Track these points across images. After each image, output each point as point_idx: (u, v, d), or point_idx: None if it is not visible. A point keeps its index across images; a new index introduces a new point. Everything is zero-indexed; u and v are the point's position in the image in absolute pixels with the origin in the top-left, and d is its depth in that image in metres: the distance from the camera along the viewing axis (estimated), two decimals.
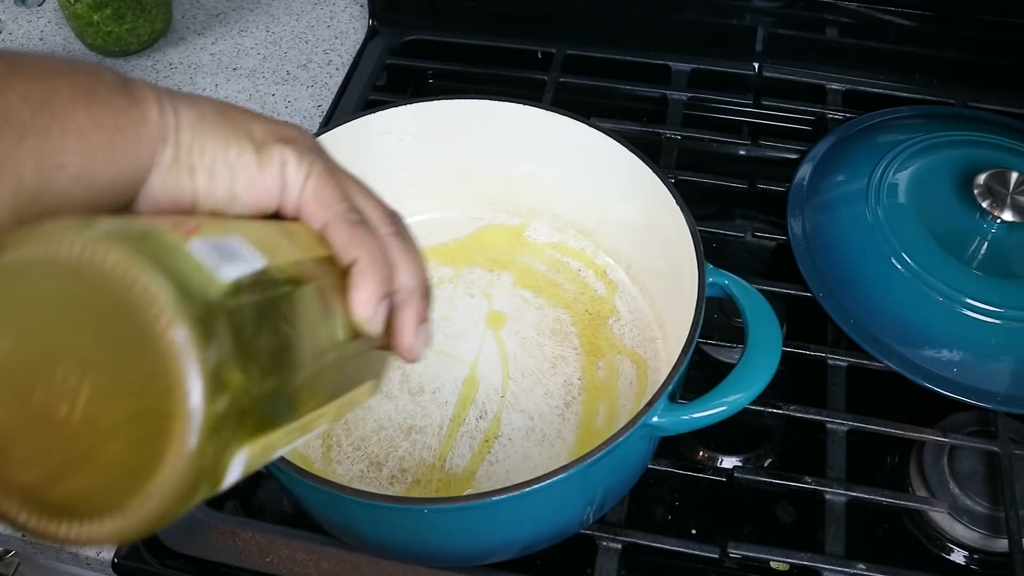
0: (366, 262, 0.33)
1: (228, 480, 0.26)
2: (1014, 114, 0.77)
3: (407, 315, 0.35)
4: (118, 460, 0.25)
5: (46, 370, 0.25)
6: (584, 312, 0.64)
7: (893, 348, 0.60)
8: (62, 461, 0.25)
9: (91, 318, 0.24)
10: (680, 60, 0.83)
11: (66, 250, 0.24)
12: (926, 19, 0.78)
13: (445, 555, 0.53)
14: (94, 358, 0.24)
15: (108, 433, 0.24)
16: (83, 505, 0.25)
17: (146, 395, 0.24)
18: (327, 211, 0.33)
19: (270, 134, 0.33)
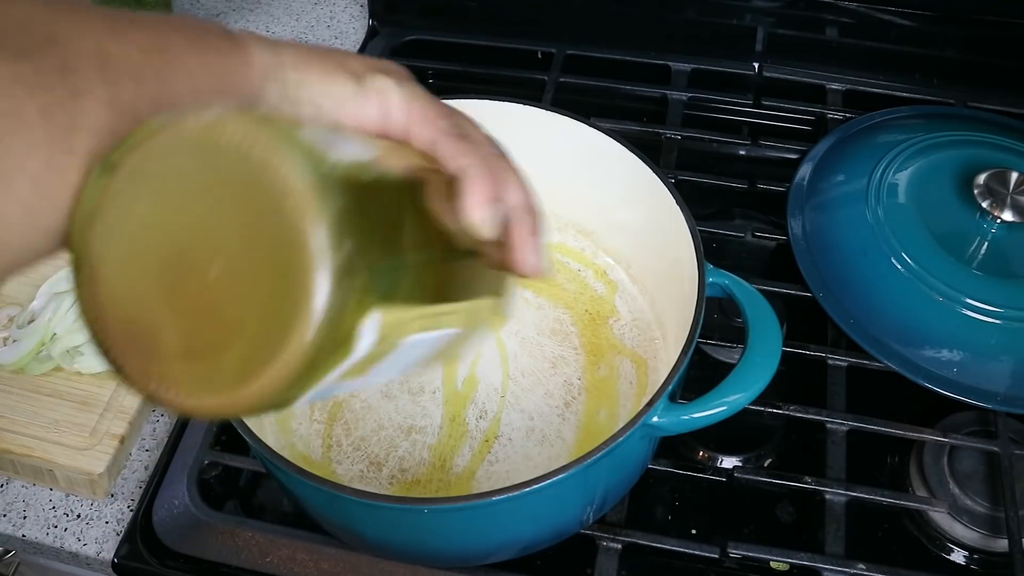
0: (475, 169, 0.34)
1: (360, 345, 0.27)
2: (1014, 114, 0.77)
3: (520, 228, 0.36)
4: (258, 320, 0.26)
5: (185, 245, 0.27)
6: (584, 312, 0.64)
7: (893, 348, 0.60)
8: (206, 331, 0.27)
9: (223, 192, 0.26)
10: (680, 60, 0.83)
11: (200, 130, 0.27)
12: (926, 19, 0.78)
13: (445, 555, 0.53)
14: (229, 228, 0.26)
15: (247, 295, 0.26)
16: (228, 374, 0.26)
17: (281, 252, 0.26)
18: (432, 129, 0.34)
19: (368, 67, 0.35)
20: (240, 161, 0.26)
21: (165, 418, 0.63)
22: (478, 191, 0.34)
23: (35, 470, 0.59)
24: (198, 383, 0.27)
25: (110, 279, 0.28)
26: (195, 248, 0.27)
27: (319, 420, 0.59)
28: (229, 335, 0.26)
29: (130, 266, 0.28)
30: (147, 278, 0.27)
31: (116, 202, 0.27)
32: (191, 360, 0.27)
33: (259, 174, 0.26)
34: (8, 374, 0.62)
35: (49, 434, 0.59)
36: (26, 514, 0.59)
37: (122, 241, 0.28)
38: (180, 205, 0.27)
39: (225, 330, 0.26)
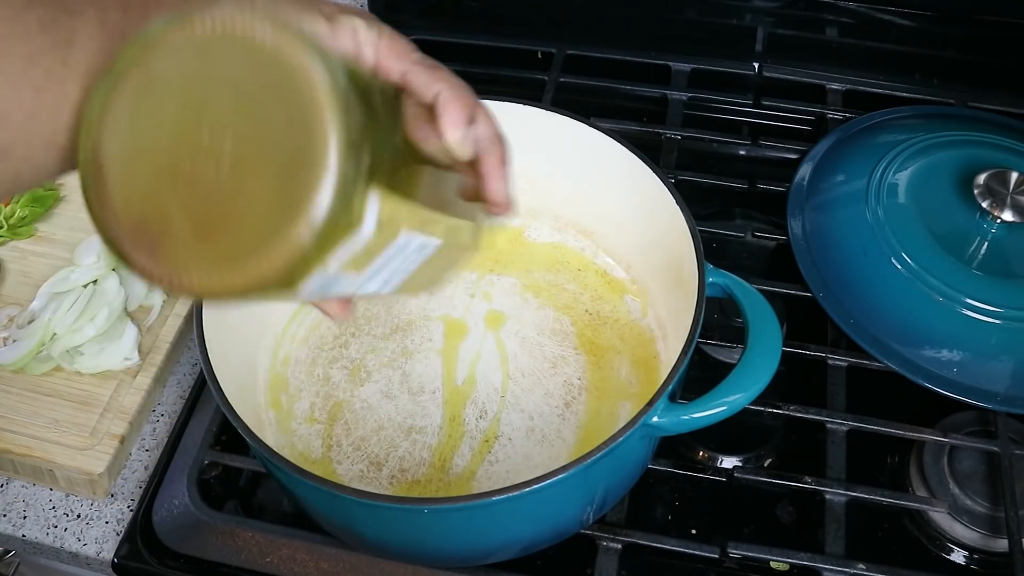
0: (448, 92, 0.36)
1: (367, 221, 0.29)
2: (1014, 114, 0.77)
3: (491, 158, 0.38)
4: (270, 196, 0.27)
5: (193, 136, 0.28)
6: (584, 312, 0.64)
7: (893, 348, 0.60)
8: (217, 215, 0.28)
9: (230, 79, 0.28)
10: (680, 60, 0.83)
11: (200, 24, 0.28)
12: (926, 19, 0.78)
13: (445, 555, 0.53)
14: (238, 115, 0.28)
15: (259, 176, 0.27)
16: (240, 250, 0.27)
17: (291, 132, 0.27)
18: (403, 61, 0.36)
19: (337, 9, 0.36)
20: (252, 50, 0.28)
21: (165, 418, 0.63)
22: (454, 112, 0.36)
23: (35, 470, 0.59)
24: (210, 263, 0.28)
25: (119, 177, 0.29)
26: (203, 140, 0.28)
27: (319, 420, 0.59)
28: (242, 215, 0.27)
29: (138, 163, 0.29)
30: (156, 173, 0.28)
31: (124, 101, 0.29)
32: (202, 243, 0.28)
33: (272, 60, 0.27)
34: (8, 374, 0.62)
35: (49, 434, 0.59)
36: (26, 514, 0.59)
37: (130, 139, 0.29)
38: (188, 100, 0.28)
39: (238, 212, 0.27)
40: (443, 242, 0.36)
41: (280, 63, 0.27)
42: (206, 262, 0.28)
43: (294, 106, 0.27)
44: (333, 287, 0.31)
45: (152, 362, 0.63)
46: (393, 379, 0.61)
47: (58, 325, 0.62)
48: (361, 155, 0.28)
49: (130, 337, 0.63)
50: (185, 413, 0.61)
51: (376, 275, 0.33)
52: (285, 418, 0.59)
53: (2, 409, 0.60)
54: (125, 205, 0.29)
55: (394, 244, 0.32)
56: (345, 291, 0.33)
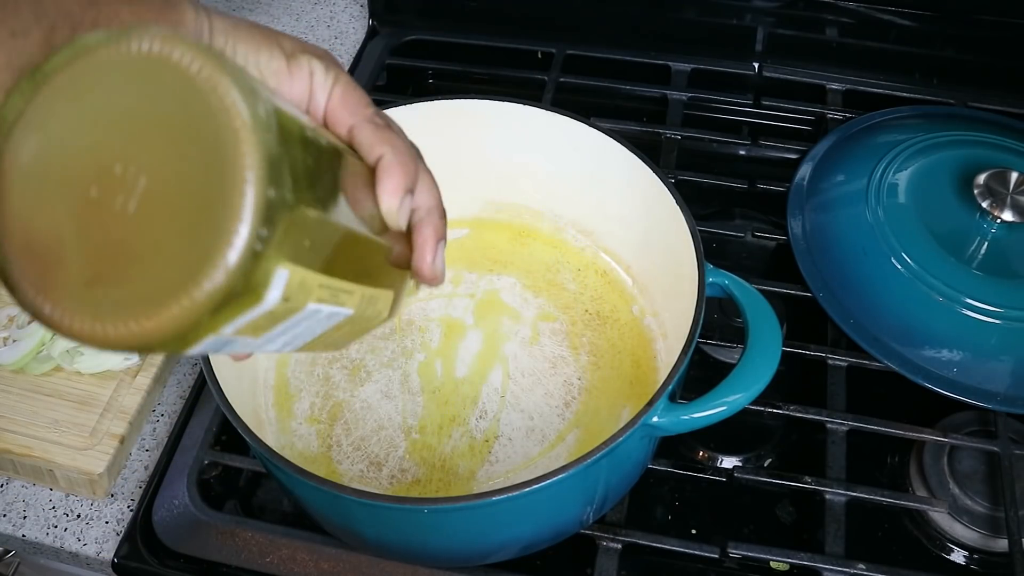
0: (391, 157, 0.35)
1: (270, 295, 0.27)
2: (1014, 114, 0.77)
3: (427, 230, 0.37)
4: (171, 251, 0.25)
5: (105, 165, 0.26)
6: (584, 312, 0.64)
7: (893, 348, 0.60)
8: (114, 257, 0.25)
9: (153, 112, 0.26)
10: (680, 60, 0.83)
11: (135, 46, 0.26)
12: (926, 19, 0.78)
13: (445, 555, 0.53)
14: (155, 152, 0.25)
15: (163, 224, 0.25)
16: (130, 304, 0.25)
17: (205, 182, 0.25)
18: (354, 114, 0.35)
19: (298, 47, 0.35)
20: (181, 83, 0.25)
21: (165, 418, 0.63)
22: (394, 180, 0.34)
23: (35, 470, 0.59)
24: (97, 310, 0.25)
25: (19, 193, 0.27)
26: (116, 170, 0.26)
27: (319, 420, 0.59)
28: (139, 264, 0.25)
29: (43, 182, 0.26)
30: (60, 197, 0.26)
31: (41, 112, 0.27)
32: (94, 286, 0.26)
33: (199, 98, 0.25)
34: (8, 374, 0.62)
35: (49, 434, 0.59)
36: (26, 514, 0.59)
37: (40, 154, 0.27)
38: (109, 123, 0.26)
39: (135, 259, 0.25)
40: (355, 312, 0.34)
41: (208, 103, 0.25)
42: (92, 310, 0.25)
43: (214, 154, 0.25)
44: (226, 348, 0.29)
45: (152, 362, 0.63)
46: (393, 379, 0.61)
47: None
48: (277, 222, 0.25)
49: None
50: (185, 413, 0.61)
51: (275, 339, 0.31)
52: (285, 418, 0.59)
53: (2, 409, 0.60)
54: (20, 226, 0.26)
55: (299, 314, 0.30)
56: (240, 351, 0.30)
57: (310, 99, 0.35)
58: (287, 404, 0.60)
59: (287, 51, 0.34)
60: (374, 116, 0.36)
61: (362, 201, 0.33)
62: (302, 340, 0.33)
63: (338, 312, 0.32)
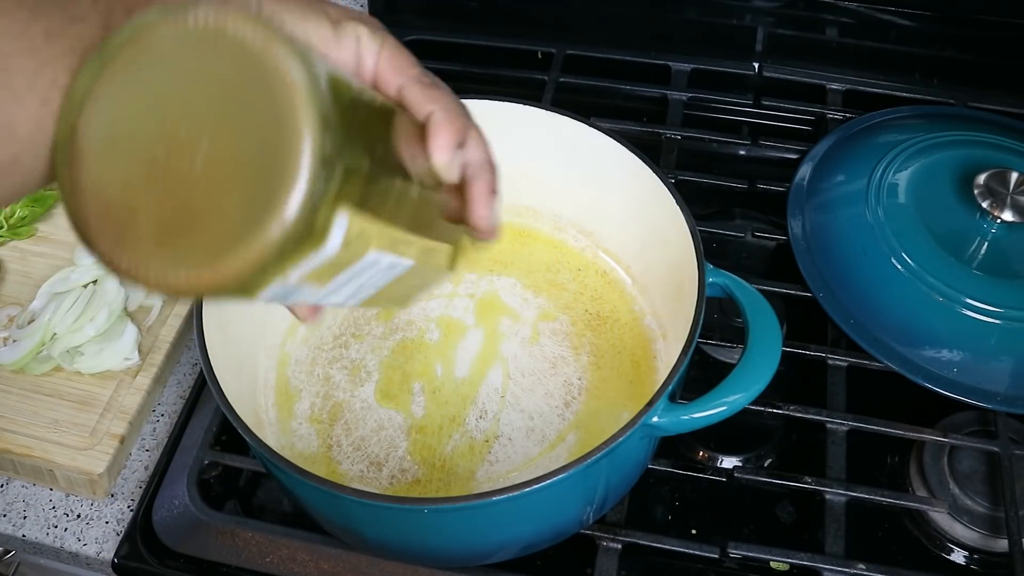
0: (441, 114, 0.35)
1: (331, 241, 0.28)
2: (1014, 114, 0.77)
3: (479, 184, 0.38)
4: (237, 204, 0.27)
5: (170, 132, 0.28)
6: (584, 312, 0.64)
7: (893, 348, 0.60)
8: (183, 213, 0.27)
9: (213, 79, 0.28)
10: (680, 60, 0.83)
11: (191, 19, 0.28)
12: (926, 19, 0.78)
13: (445, 555, 0.53)
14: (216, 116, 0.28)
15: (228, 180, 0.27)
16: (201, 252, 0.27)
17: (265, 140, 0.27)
18: (401, 75, 0.36)
19: (344, 15, 0.36)
20: (236, 51, 0.27)
21: (165, 418, 0.63)
22: (444, 135, 0.35)
23: (35, 470, 0.59)
24: (169, 261, 0.28)
25: (93, 161, 0.29)
26: (181, 134, 0.28)
27: (319, 420, 0.59)
28: (207, 218, 0.27)
29: (114, 150, 0.29)
30: (130, 162, 0.28)
31: (108, 87, 0.28)
32: (165, 238, 0.28)
33: (254, 63, 0.27)
34: (8, 374, 0.62)
35: (49, 434, 0.59)
36: (26, 514, 0.59)
37: (109, 125, 0.29)
38: (171, 93, 0.28)
39: (203, 213, 0.27)
40: (416, 263, 0.36)
41: (264, 68, 0.27)
42: (166, 259, 0.28)
43: (272, 114, 0.27)
44: (293, 296, 0.31)
45: (152, 362, 0.63)
46: (393, 379, 0.61)
47: (58, 325, 0.62)
48: (334, 172, 0.28)
49: (130, 337, 0.63)
50: (185, 413, 0.61)
51: (340, 288, 0.33)
52: (285, 418, 0.59)
53: (2, 409, 0.60)
54: (96, 190, 0.29)
55: (361, 262, 0.32)
56: (307, 300, 0.32)
57: (358, 63, 0.35)
58: (287, 404, 0.60)
59: (333, 18, 0.35)
60: (421, 76, 0.36)
61: (415, 157, 0.35)
62: (367, 292, 0.35)
63: (398, 262, 0.34)
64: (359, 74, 0.36)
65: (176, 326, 0.65)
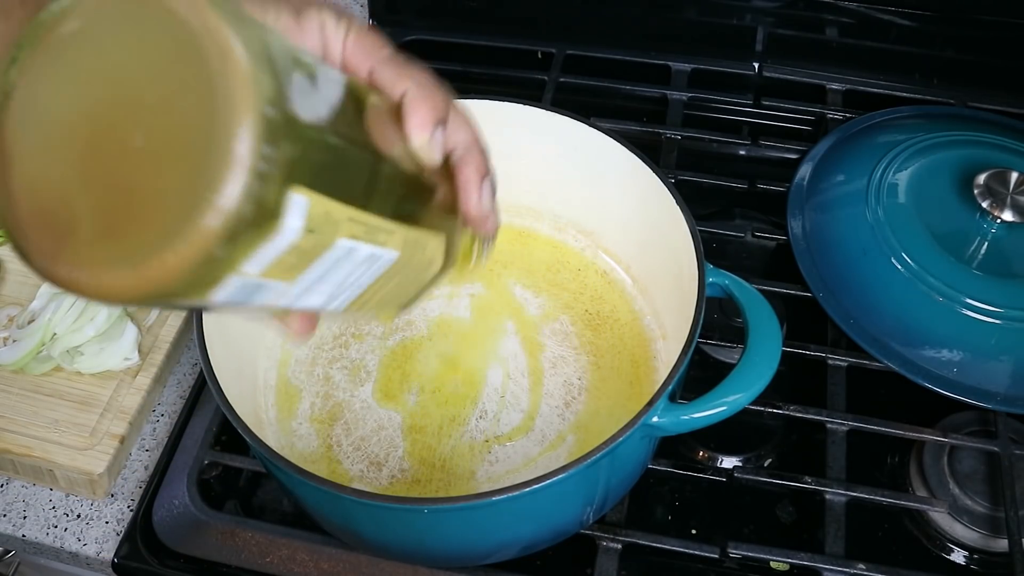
0: (416, 91, 0.34)
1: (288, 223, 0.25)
2: (1014, 114, 0.77)
3: (467, 169, 0.36)
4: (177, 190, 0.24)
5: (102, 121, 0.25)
6: (584, 312, 0.64)
7: (893, 348, 0.60)
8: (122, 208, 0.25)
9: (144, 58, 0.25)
10: (680, 60, 0.83)
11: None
12: (926, 19, 0.78)
13: (445, 555, 0.53)
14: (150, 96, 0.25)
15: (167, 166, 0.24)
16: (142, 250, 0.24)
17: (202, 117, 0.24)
18: (371, 58, 0.34)
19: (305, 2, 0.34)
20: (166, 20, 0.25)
21: (165, 418, 0.63)
22: (420, 112, 0.33)
23: (35, 470, 0.59)
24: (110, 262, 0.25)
25: (23, 160, 0.26)
26: (113, 123, 0.25)
27: (319, 420, 0.59)
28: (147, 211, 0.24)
29: (44, 146, 0.26)
30: (63, 161, 0.26)
31: (33, 76, 0.26)
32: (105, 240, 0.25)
33: (186, 32, 0.24)
34: (8, 374, 0.62)
35: (49, 434, 0.59)
36: (26, 514, 0.59)
37: (37, 119, 0.26)
38: (101, 75, 0.26)
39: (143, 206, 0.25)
40: (401, 255, 0.33)
41: (196, 38, 0.24)
42: (105, 260, 0.25)
43: (208, 89, 0.24)
44: (258, 296, 0.28)
45: (152, 362, 0.63)
46: (392, 379, 0.61)
47: (58, 325, 0.62)
48: (279, 143, 0.24)
49: (130, 337, 0.63)
50: (185, 413, 0.61)
51: (315, 287, 0.30)
52: (285, 418, 0.59)
53: (2, 409, 0.60)
54: (28, 192, 0.26)
55: (331, 251, 0.28)
56: (276, 302, 0.29)
57: (324, 50, 0.34)
58: (287, 404, 0.60)
59: (295, 5, 0.33)
60: (392, 55, 0.35)
61: (393, 141, 0.32)
62: (350, 292, 0.32)
63: (379, 254, 0.31)
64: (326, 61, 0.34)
65: (176, 326, 0.65)
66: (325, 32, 0.34)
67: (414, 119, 0.33)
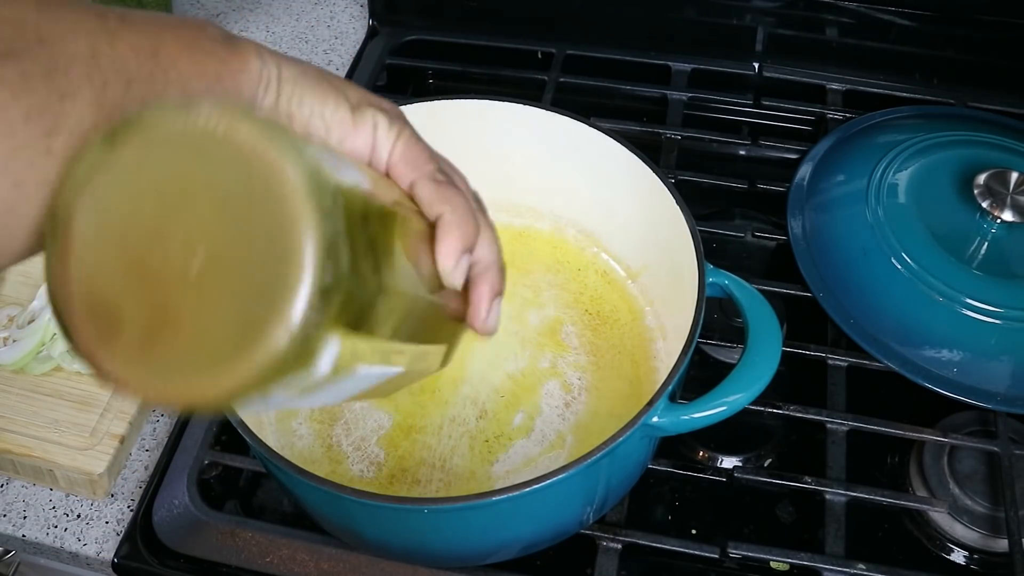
0: (451, 216, 0.35)
1: (321, 365, 0.27)
2: (1014, 114, 0.77)
3: (484, 287, 0.37)
4: (227, 321, 0.26)
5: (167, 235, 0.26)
6: (584, 312, 0.64)
7: (893, 348, 0.60)
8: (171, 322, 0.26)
9: (218, 188, 0.26)
10: (680, 60, 0.83)
11: (204, 122, 0.26)
12: (926, 19, 0.78)
13: (445, 555, 0.53)
14: (215, 226, 0.26)
15: (220, 295, 0.26)
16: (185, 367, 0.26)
17: (264, 260, 0.25)
18: (415, 170, 0.35)
19: (364, 99, 0.35)
20: (243, 160, 0.26)
21: (165, 418, 0.63)
22: (453, 240, 0.34)
23: (35, 470, 0.59)
24: (145, 370, 0.26)
25: (84, 254, 0.27)
26: (177, 239, 0.26)
27: (319, 420, 0.59)
28: (194, 331, 0.26)
29: (107, 245, 0.27)
30: (122, 260, 0.27)
31: (107, 178, 0.27)
32: (149, 346, 0.26)
33: (260, 176, 0.26)
34: (8, 374, 0.62)
35: (49, 434, 0.59)
36: (26, 514, 0.59)
37: (104, 219, 0.27)
38: (171, 194, 0.27)
39: (190, 323, 0.26)
40: (405, 369, 0.34)
41: (270, 188, 0.26)
42: (147, 368, 0.26)
43: (272, 234, 0.26)
44: (273, 405, 0.30)
45: None
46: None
47: None
48: (332, 303, 0.26)
49: None
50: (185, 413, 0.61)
51: (321, 396, 0.31)
52: (285, 418, 0.59)
53: (2, 409, 0.60)
54: (83, 282, 0.27)
55: (347, 378, 0.30)
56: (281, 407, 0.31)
57: (372, 152, 0.34)
58: None
59: (352, 102, 0.34)
60: (435, 173, 0.35)
61: (420, 258, 0.34)
62: (348, 395, 0.33)
63: (387, 371, 0.33)
64: (373, 162, 0.35)
65: None
66: (377, 134, 0.34)
67: (445, 246, 0.34)
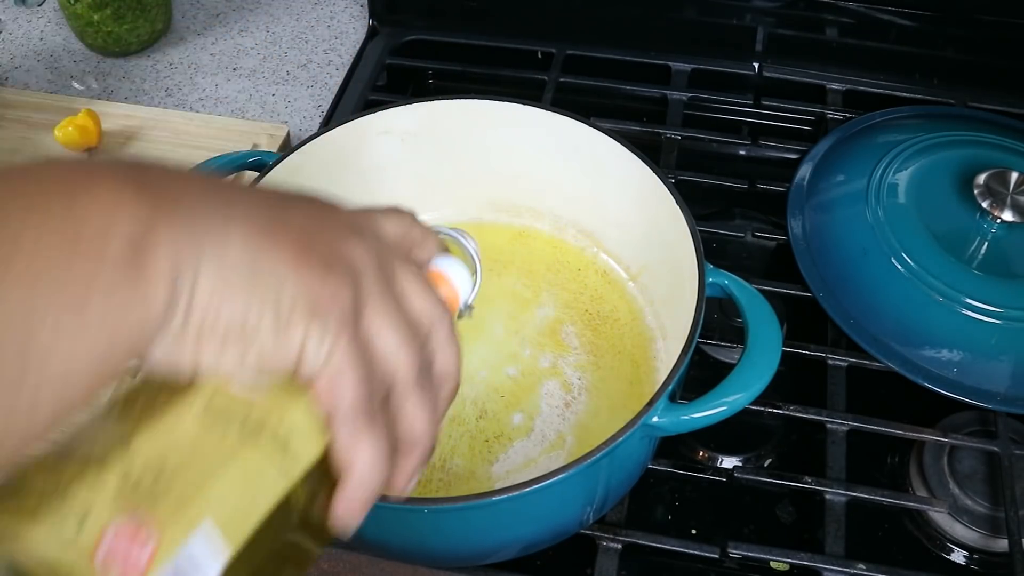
0: (359, 477, 0.31)
1: None
2: (1014, 114, 0.77)
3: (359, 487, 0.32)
4: None
5: None
6: (584, 312, 0.64)
7: (893, 348, 0.60)
8: None
9: None
10: (680, 60, 0.83)
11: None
12: (926, 19, 0.78)
13: (445, 555, 0.53)
14: None
15: None
16: None
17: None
18: (335, 404, 0.31)
19: (301, 297, 0.29)
20: None
21: None
22: (354, 505, 0.31)
23: None
24: None
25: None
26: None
27: None
28: None
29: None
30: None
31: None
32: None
33: None
34: None
35: None
36: None
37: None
38: None
39: None
40: None
41: None
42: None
43: None
44: None
45: None
46: None
47: None
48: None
49: None
50: None
51: None
52: None
53: None
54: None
55: None
56: None
57: (298, 365, 0.30)
58: None
59: (284, 308, 0.29)
60: (358, 411, 0.31)
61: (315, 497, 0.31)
62: None
63: None
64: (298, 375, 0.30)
65: None
66: (305, 350, 0.30)
67: (344, 505, 0.31)
